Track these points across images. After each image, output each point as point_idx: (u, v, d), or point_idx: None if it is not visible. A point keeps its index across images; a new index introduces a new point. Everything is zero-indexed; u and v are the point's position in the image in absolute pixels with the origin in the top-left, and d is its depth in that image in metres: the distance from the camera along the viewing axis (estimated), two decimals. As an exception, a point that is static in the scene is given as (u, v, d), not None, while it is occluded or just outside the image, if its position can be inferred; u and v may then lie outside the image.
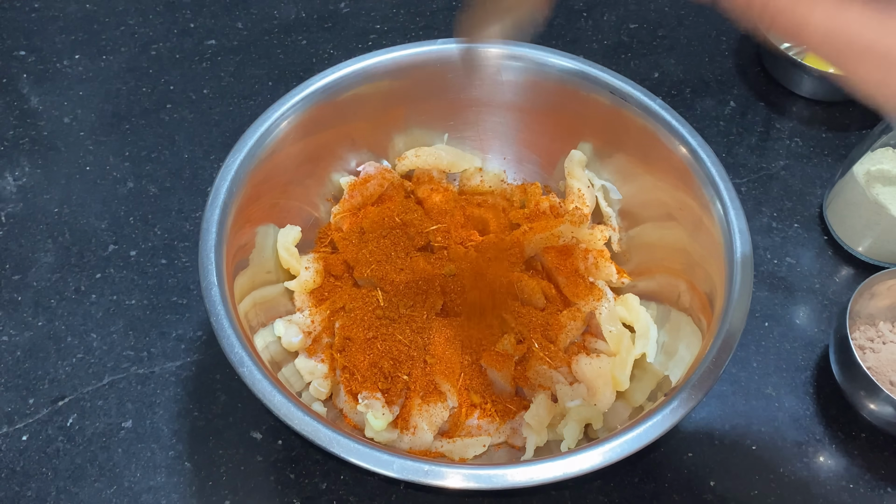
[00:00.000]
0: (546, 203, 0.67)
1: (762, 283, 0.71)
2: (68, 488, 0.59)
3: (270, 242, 0.63)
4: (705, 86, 0.87)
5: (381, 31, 0.91)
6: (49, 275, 0.70)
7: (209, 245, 0.54)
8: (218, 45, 0.89)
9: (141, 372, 0.64)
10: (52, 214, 0.74)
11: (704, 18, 0.94)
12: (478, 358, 0.58)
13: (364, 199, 0.67)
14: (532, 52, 0.67)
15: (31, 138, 0.80)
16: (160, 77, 0.86)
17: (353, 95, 0.66)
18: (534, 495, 0.59)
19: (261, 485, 0.59)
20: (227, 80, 0.86)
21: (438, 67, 0.67)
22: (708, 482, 0.60)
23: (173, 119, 0.82)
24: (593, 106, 0.66)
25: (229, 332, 0.51)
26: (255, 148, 0.60)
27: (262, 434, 0.61)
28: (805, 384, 0.65)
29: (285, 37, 0.90)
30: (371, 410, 0.55)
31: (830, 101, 0.85)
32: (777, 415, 0.63)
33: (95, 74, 0.86)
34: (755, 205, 0.76)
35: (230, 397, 0.63)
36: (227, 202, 0.57)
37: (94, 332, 0.66)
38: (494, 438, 0.58)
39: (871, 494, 0.59)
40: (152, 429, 0.61)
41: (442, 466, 0.47)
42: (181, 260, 0.71)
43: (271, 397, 0.49)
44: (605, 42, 0.91)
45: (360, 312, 0.59)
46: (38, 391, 0.63)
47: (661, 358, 0.60)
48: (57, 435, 0.61)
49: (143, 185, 0.76)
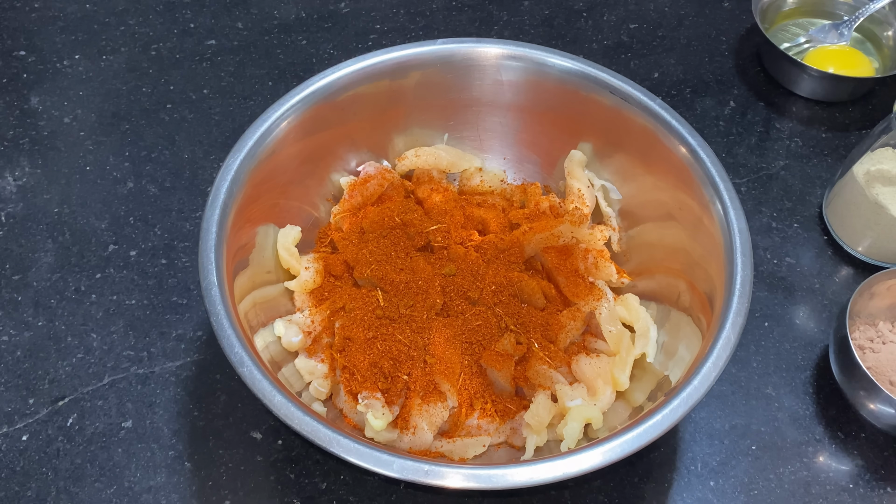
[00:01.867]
0: (546, 203, 0.67)
1: (762, 282, 0.71)
2: (68, 488, 0.59)
3: (270, 242, 0.63)
4: (705, 86, 0.87)
5: (381, 31, 0.91)
6: (49, 275, 0.70)
7: (209, 245, 0.54)
8: (218, 45, 0.89)
9: (141, 372, 0.64)
10: (53, 214, 0.74)
11: (704, 18, 0.94)
12: (478, 358, 0.58)
13: (364, 199, 0.67)
14: (532, 52, 0.67)
15: (32, 138, 0.80)
16: (160, 77, 0.86)
17: (353, 95, 0.66)
18: (534, 495, 0.59)
19: (261, 485, 0.59)
20: (227, 80, 0.86)
21: (438, 67, 0.67)
22: (708, 482, 0.60)
23: (173, 119, 0.82)
24: (593, 106, 0.66)
25: (229, 332, 0.51)
26: (255, 148, 0.60)
27: (262, 434, 0.61)
28: (805, 384, 0.65)
29: (285, 37, 0.90)
30: (371, 410, 0.55)
31: (830, 101, 0.85)
32: (777, 415, 0.63)
33: (95, 74, 0.86)
34: (755, 205, 0.76)
35: (230, 397, 0.63)
36: (227, 202, 0.57)
37: (94, 332, 0.66)
38: (494, 438, 0.58)
39: (871, 494, 0.59)
40: (152, 429, 0.61)
41: (442, 466, 0.47)
42: (181, 260, 0.71)
43: (271, 397, 0.48)
44: (605, 42, 0.91)
45: (360, 312, 0.59)
46: (38, 391, 0.63)
47: (660, 358, 0.60)
48: (57, 435, 0.61)
49: (143, 185, 0.76)
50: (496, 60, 0.67)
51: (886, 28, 0.88)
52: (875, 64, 0.87)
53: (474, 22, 0.93)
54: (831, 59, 0.85)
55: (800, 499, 0.59)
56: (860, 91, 0.85)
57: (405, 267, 0.62)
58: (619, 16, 0.94)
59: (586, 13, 0.94)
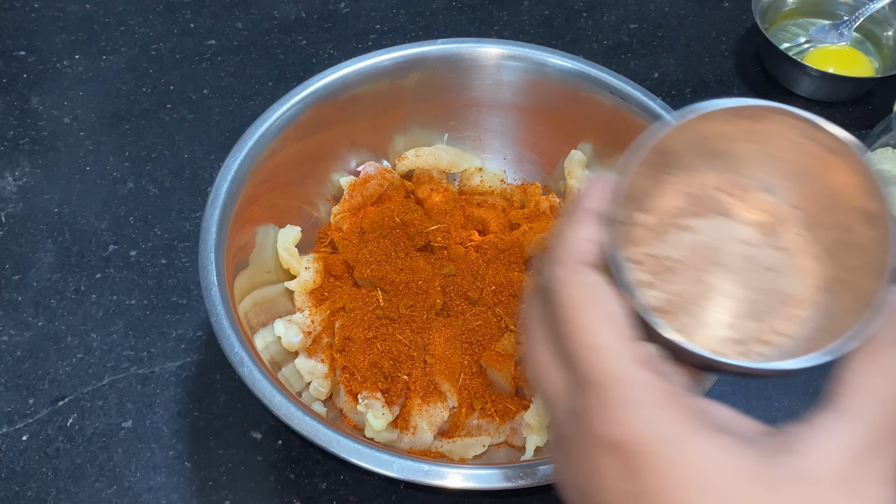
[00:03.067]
0: (546, 203, 0.67)
1: (762, 283, 0.71)
2: (68, 488, 0.59)
3: (270, 242, 0.63)
4: (705, 86, 0.87)
5: (381, 31, 0.91)
6: (49, 275, 0.70)
7: (209, 245, 0.54)
8: (218, 45, 0.89)
9: (141, 372, 0.64)
10: (52, 214, 0.74)
11: (704, 18, 0.94)
12: (478, 358, 0.58)
13: (364, 199, 0.67)
14: (532, 52, 0.67)
15: (31, 138, 0.80)
16: (160, 77, 0.86)
17: (353, 95, 0.66)
18: (533, 495, 0.59)
19: (261, 485, 0.59)
20: (227, 80, 0.86)
21: (438, 67, 0.67)
22: (708, 482, 0.60)
23: (173, 119, 0.82)
24: (593, 106, 0.66)
25: (229, 332, 0.51)
26: (255, 148, 0.60)
27: (262, 434, 0.61)
28: (804, 384, 0.65)
29: (285, 37, 0.90)
30: (371, 410, 0.55)
31: (830, 102, 0.85)
32: (777, 415, 0.63)
33: (95, 74, 0.86)
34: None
35: (230, 397, 0.63)
36: (227, 202, 0.57)
37: (94, 332, 0.66)
38: (494, 438, 0.58)
39: (871, 494, 0.59)
40: (152, 429, 0.61)
41: (442, 466, 0.47)
42: (181, 260, 0.71)
43: (271, 397, 0.49)
44: (605, 42, 0.91)
45: (360, 312, 0.59)
46: (38, 391, 0.63)
47: (661, 358, 0.60)
48: (57, 435, 0.61)
49: (143, 185, 0.76)
50: (496, 60, 0.67)
51: (886, 28, 0.88)
52: (875, 64, 0.87)
53: (474, 22, 0.93)
54: (831, 59, 0.85)
55: (800, 499, 0.59)
56: (860, 91, 0.85)
57: (405, 267, 0.62)
58: (619, 16, 0.94)
59: (586, 13, 0.94)
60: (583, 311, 0.30)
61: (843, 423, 0.27)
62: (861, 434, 0.27)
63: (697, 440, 0.27)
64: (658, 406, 0.27)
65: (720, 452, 0.26)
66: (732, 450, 0.27)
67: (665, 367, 0.30)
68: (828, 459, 0.26)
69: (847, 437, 0.27)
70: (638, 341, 0.29)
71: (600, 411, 0.28)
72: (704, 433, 0.27)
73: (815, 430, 0.27)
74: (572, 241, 0.31)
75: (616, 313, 0.30)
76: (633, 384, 0.28)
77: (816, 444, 0.27)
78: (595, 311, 0.30)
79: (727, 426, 0.28)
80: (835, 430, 0.27)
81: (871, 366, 0.29)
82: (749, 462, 0.26)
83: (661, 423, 0.27)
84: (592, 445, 0.28)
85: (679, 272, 0.34)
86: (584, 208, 0.32)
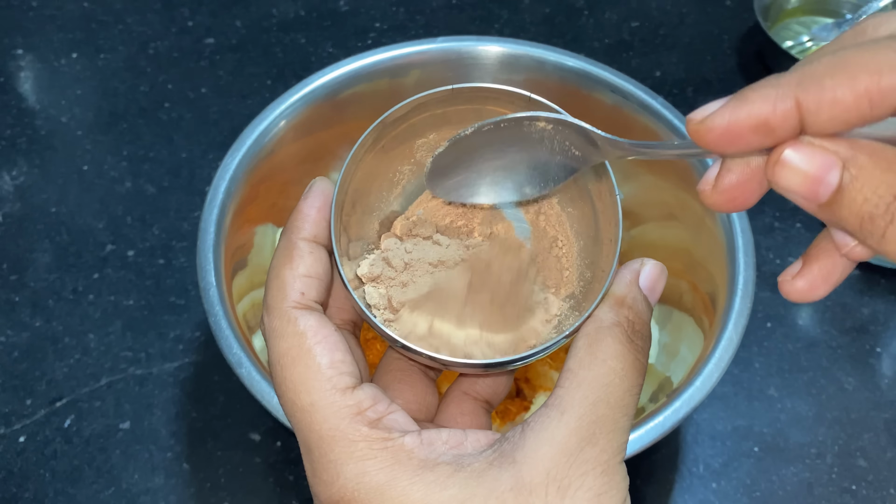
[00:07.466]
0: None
1: (764, 283, 0.70)
2: (66, 490, 0.58)
3: (269, 242, 0.62)
4: (707, 84, 0.86)
5: (380, 29, 0.91)
6: (46, 275, 0.69)
7: (207, 245, 0.54)
8: (216, 43, 0.89)
9: (139, 373, 0.64)
10: (50, 214, 0.74)
11: (706, 17, 0.94)
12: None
13: (363, 199, 0.67)
14: (532, 51, 0.66)
15: (28, 137, 0.80)
16: (158, 76, 0.85)
17: (353, 94, 0.65)
18: (534, 497, 0.59)
19: (259, 486, 0.59)
20: (225, 79, 0.85)
21: (438, 66, 0.67)
22: (710, 484, 0.60)
23: (171, 118, 0.81)
24: (594, 105, 0.66)
25: (227, 333, 0.50)
26: (253, 147, 0.59)
27: (260, 435, 0.61)
28: (807, 385, 0.64)
29: (284, 35, 0.90)
30: (370, 412, 0.55)
31: (832, 100, 0.84)
32: (779, 416, 0.63)
33: (93, 73, 0.85)
34: (757, 204, 0.76)
35: (228, 398, 0.62)
36: (226, 202, 0.56)
37: (91, 333, 0.66)
38: (495, 440, 0.58)
39: (874, 496, 0.59)
40: (150, 430, 0.61)
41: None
42: (179, 260, 0.71)
43: (270, 398, 0.48)
44: (606, 40, 0.91)
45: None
46: (35, 392, 0.63)
47: (662, 359, 0.59)
48: (54, 436, 0.61)
49: (141, 185, 0.76)
50: (497, 59, 0.67)
51: (889, 26, 0.87)
52: (877, 62, 0.86)
53: (474, 20, 0.92)
54: (833, 57, 0.84)
55: (802, 500, 0.59)
56: (862, 90, 0.84)
57: (405, 267, 0.61)
58: (621, 14, 0.93)
59: (587, 11, 0.93)
60: (294, 368, 0.29)
61: (557, 420, 0.27)
62: (573, 428, 0.27)
63: (410, 481, 0.27)
64: (370, 458, 0.28)
65: (432, 487, 0.27)
66: (445, 481, 0.27)
67: (381, 406, 0.29)
68: (540, 463, 0.26)
69: (560, 434, 0.27)
70: (352, 389, 0.29)
71: (320, 474, 0.29)
72: (416, 472, 0.27)
73: (532, 433, 0.27)
74: (286, 281, 0.30)
75: (328, 363, 0.29)
76: (344, 440, 0.28)
77: (530, 448, 0.27)
78: (306, 368, 0.29)
79: (447, 454, 0.28)
80: (548, 430, 0.27)
81: (589, 354, 0.28)
82: (459, 490, 0.27)
83: (374, 475, 0.27)
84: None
85: (418, 268, 0.35)
86: (296, 240, 0.31)
